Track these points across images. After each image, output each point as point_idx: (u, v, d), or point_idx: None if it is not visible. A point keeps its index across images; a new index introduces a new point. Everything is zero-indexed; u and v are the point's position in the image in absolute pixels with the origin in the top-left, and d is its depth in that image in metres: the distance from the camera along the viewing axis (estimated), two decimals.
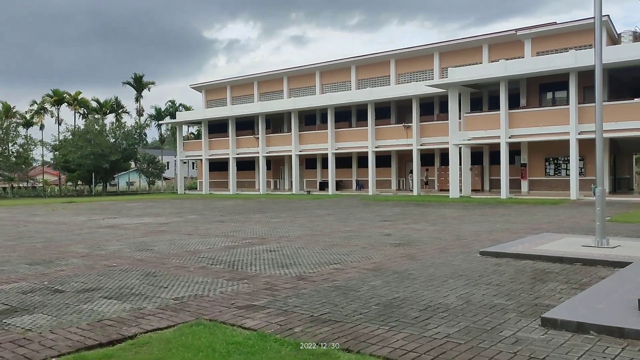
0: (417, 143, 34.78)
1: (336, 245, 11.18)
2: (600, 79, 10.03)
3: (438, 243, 11.20)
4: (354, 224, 15.83)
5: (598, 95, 9.99)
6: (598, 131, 10.02)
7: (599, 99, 10.00)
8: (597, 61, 9.97)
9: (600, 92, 10.00)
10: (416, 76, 38.31)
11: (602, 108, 10.11)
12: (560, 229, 13.61)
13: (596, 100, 10.05)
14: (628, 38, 28.80)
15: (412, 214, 19.29)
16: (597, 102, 10.03)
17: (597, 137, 10.00)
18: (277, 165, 47.51)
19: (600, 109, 10.03)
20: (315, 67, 43.66)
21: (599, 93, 10.00)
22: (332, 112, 38.89)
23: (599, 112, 10.03)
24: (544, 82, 30.61)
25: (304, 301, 6.21)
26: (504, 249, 9.54)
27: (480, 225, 14.81)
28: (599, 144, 9.97)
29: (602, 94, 28.02)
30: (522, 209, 21.40)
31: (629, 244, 9.84)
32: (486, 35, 34.46)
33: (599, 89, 10.02)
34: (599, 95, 9.98)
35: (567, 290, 6.63)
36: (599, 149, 9.93)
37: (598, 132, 10.01)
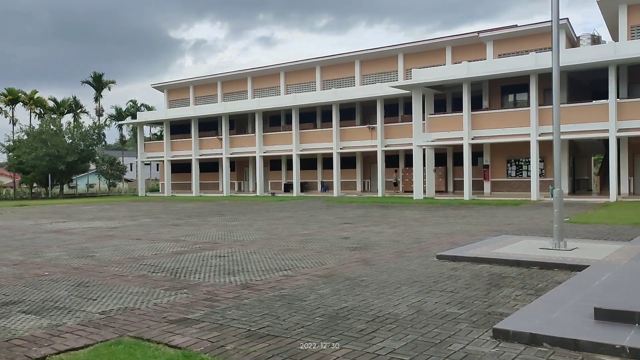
0: (381, 144, 34.63)
1: (291, 249, 10.72)
2: (557, 81, 9.88)
3: (396, 247, 10.86)
4: (313, 227, 15.40)
5: (555, 98, 9.83)
6: (555, 133, 9.85)
7: (556, 102, 9.84)
8: (555, 64, 9.83)
9: (557, 94, 9.84)
10: (381, 77, 38.22)
11: (559, 110, 9.95)
12: (520, 230, 13.47)
13: (553, 103, 9.89)
14: (586, 41, 29.25)
15: (374, 216, 18.98)
16: (555, 104, 9.86)
17: (554, 139, 9.82)
18: (242, 167, 46.79)
19: (557, 111, 9.87)
20: (280, 68, 43.14)
21: (556, 95, 9.84)
22: (297, 113, 38.44)
23: (556, 114, 9.88)
24: (506, 84, 30.84)
25: (244, 313, 5.74)
26: (462, 252, 9.25)
27: (441, 228, 14.57)
28: (557, 146, 9.80)
29: (562, 97, 28.37)
30: (483, 210, 21.36)
31: (587, 245, 9.68)
32: (450, 38, 34.58)
33: (556, 91, 9.87)
34: (556, 98, 9.82)
35: (523, 296, 6.33)
36: (556, 151, 9.76)
37: (555, 133, 9.83)
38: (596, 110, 25.71)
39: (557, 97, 9.86)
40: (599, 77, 29.15)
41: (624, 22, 27.26)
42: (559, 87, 9.90)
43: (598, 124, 25.41)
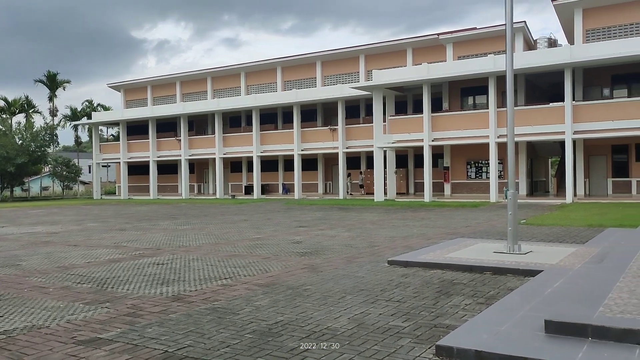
0: (342, 146, 34.29)
1: (237, 255, 10.13)
2: (511, 83, 9.63)
3: (348, 251, 10.40)
4: (266, 231, 14.83)
5: (509, 100, 9.56)
6: (509, 134, 9.57)
7: (510, 104, 9.57)
8: (509, 66, 9.59)
9: (511, 96, 9.58)
10: (342, 78, 37.90)
11: (513, 112, 9.69)
12: (476, 233, 13.22)
13: (507, 105, 9.61)
14: (543, 44, 29.59)
15: (332, 219, 18.54)
16: (509, 106, 9.59)
17: (508, 141, 9.54)
18: (201, 169, 45.76)
19: (511, 113, 9.60)
20: (240, 68, 42.36)
21: (510, 98, 9.58)
22: (257, 114, 37.75)
23: (510, 116, 9.61)
24: (466, 86, 30.92)
25: (166, 330, 5.14)
26: (414, 257, 8.85)
27: (398, 231, 14.21)
28: (511, 147, 9.52)
29: (520, 99, 28.54)
30: (442, 212, 21.19)
31: (541, 249, 9.42)
32: (410, 39, 34.52)
33: (510, 94, 9.61)
34: (510, 100, 9.56)
35: (472, 305, 5.94)
36: (510, 152, 9.48)
37: (509, 135, 9.55)
38: (553, 112, 25.94)
39: (512, 100, 9.60)
40: (556, 79, 29.56)
41: (580, 26, 27.65)
42: (513, 90, 9.64)
43: (555, 126, 25.64)
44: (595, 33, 27.53)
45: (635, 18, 26.53)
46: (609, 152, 27.55)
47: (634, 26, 26.63)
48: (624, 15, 26.75)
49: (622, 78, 27.18)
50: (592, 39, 27.56)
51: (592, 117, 25.01)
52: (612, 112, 24.52)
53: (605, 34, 27.35)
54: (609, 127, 24.52)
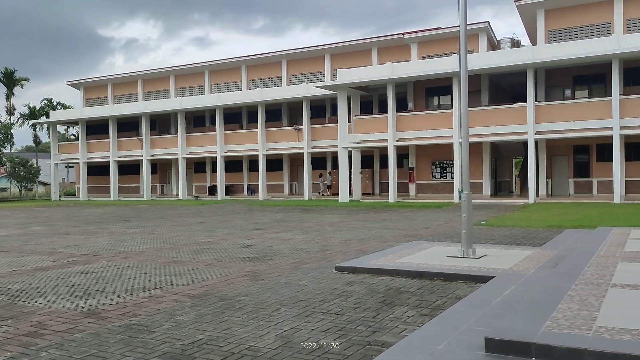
0: (308, 146, 33.77)
1: (178, 262, 9.48)
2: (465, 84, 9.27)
3: (298, 256, 9.85)
4: (219, 234, 14.17)
5: (463, 99, 9.18)
6: (464, 135, 9.18)
7: (464, 105, 9.20)
8: (462, 67, 9.27)
9: (465, 97, 9.22)
10: (308, 77, 37.39)
11: (467, 113, 9.34)
12: (434, 235, 12.84)
13: (462, 106, 9.24)
14: (507, 45, 29.62)
15: (291, 221, 17.98)
16: (463, 107, 9.21)
17: (462, 141, 9.15)
18: (164, 169, 44.63)
19: (465, 115, 9.25)
20: (204, 66, 41.45)
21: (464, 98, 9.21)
22: (221, 113, 36.95)
23: (465, 117, 9.25)
24: (430, 85, 30.75)
25: (62, 355, 4.50)
26: (362, 263, 8.36)
27: (355, 233, 13.74)
28: (465, 148, 9.12)
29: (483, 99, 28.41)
30: (405, 213, 20.85)
31: (496, 252, 9.05)
32: (376, 39, 34.22)
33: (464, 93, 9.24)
34: (464, 101, 9.18)
35: (415, 317, 5.45)
36: (465, 153, 9.07)
37: (464, 136, 9.17)
38: (516, 112, 25.91)
39: (466, 100, 9.22)
40: (519, 80, 29.62)
41: (542, 27, 27.75)
42: (466, 91, 9.28)
43: (517, 127, 25.62)
44: (557, 34, 27.65)
45: (595, 19, 26.73)
46: (570, 152, 27.71)
47: (594, 27, 26.83)
48: (585, 17, 26.93)
49: (583, 79, 27.37)
50: (554, 39, 27.69)
51: (554, 117, 25.07)
52: (574, 112, 24.61)
53: (567, 34, 27.50)
54: (570, 127, 24.60)
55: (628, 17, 25.95)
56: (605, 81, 27.05)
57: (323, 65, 36.72)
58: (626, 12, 25.90)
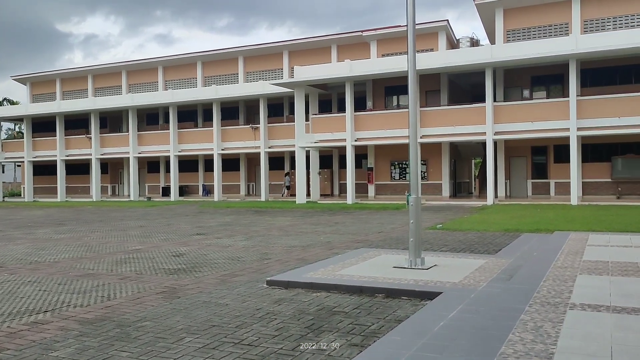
0: (265, 145, 32.70)
1: (91, 275, 8.35)
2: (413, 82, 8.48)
3: (230, 267, 8.85)
4: (154, 240, 13.01)
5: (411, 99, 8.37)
6: (412, 136, 8.34)
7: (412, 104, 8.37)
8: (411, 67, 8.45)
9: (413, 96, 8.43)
10: (266, 75, 36.30)
11: (416, 113, 8.56)
12: (386, 240, 12.02)
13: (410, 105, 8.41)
14: (466, 44, 29.23)
15: (239, 225, 16.92)
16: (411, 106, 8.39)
17: (410, 142, 8.31)
18: (116, 169, 42.78)
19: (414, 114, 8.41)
20: (157, 62, 39.84)
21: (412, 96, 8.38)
22: (175, 111, 35.50)
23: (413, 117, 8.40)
24: (390, 84, 30.13)
25: None
26: (298, 276, 7.42)
27: (302, 238, 12.81)
28: (413, 148, 8.31)
29: (442, 98, 27.95)
30: (361, 215, 20.05)
31: (448, 261, 8.25)
32: (335, 36, 33.41)
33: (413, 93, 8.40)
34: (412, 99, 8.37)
35: (342, 350, 4.54)
36: (412, 154, 8.25)
37: (412, 136, 8.33)
38: (475, 113, 25.48)
39: (415, 101, 8.41)
40: (477, 80, 29.29)
41: (500, 26, 27.44)
42: (417, 91, 8.50)
43: (476, 127, 25.19)
44: (515, 33, 27.39)
45: (554, 19, 26.57)
46: (529, 153, 27.49)
47: (553, 27, 26.67)
48: (543, 17, 26.73)
49: (542, 79, 27.19)
50: (512, 39, 27.41)
51: (513, 118, 24.74)
52: (532, 113, 24.32)
53: (526, 34, 27.27)
54: (528, 128, 24.31)
55: (586, 18, 25.87)
56: (562, 82, 26.94)
57: (281, 62, 35.70)
58: (584, 12, 25.80)
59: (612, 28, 25.34)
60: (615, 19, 25.36)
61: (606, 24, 25.49)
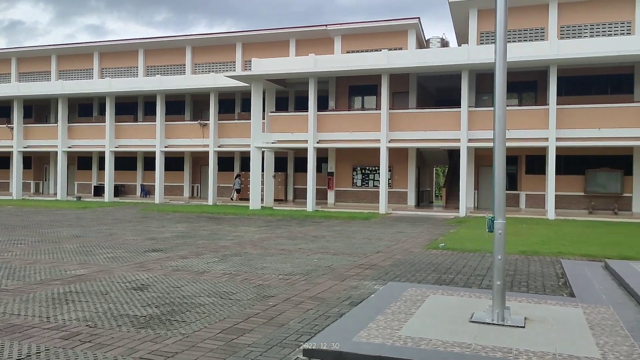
0: (214, 144, 29.76)
1: (15, 329, 5.51)
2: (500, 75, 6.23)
3: (225, 312, 6.25)
4: (99, 259, 10.08)
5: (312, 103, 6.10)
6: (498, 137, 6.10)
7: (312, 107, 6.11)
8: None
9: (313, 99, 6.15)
10: (216, 68, 33.30)
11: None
12: (399, 266, 9.75)
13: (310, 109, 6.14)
14: (436, 44, 27.68)
15: (199, 237, 14.14)
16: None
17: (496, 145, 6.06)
18: (41, 164, 38.22)
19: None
20: (93, 47, 35.84)
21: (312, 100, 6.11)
22: (113, 102, 31.85)
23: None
24: (354, 84, 28.09)
25: None
26: (346, 339, 4.95)
27: (292, 260, 10.31)
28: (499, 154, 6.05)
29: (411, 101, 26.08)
30: (334, 226, 17.73)
31: (534, 312, 6.05)
32: (295, 29, 30.95)
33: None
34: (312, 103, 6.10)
35: None
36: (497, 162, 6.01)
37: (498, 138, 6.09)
38: (447, 117, 23.82)
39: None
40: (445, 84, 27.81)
41: (474, 28, 26.00)
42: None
43: (450, 132, 23.55)
44: (489, 36, 26.03)
45: (529, 24, 25.40)
46: None
47: (527, 32, 25.51)
48: (518, 20, 25.50)
49: (514, 86, 25.96)
50: (485, 41, 26.03)
51: (487, 124, 23.26)
52: (508, 120, 22.89)
53: None
54: None
55: (562, 24, 24.86)
56: (536, 89, 25.89)
57: (234, 54, 32.82)
58: (561, 18, 24.80)
59: (589, 35, 24.48)
60: (592, 26, 24.52)
61: (582, 31, 24.61)
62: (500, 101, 5.84)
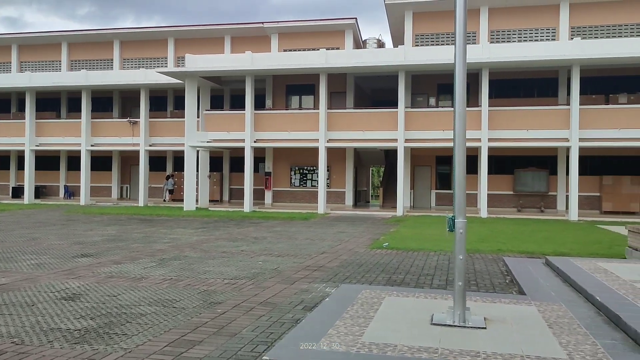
0: (145, 143, 28.53)
1: None
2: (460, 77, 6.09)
3: (170, 322, 5.75)
4: (22, 265, 9.20)
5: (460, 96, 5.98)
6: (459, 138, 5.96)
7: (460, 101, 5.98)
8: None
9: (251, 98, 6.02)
10: (146, 63, 31.98)
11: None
12: (346, 267, 9.54)
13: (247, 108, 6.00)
14: (373, 45, 27.86)
15: (133, 240, 13.34)
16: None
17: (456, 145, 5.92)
18: None
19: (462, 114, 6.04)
20: (11, 39, 33.44)
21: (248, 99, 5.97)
22: (33, 97, 29.89)
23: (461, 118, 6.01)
24: (292, 83, 27.80)
25: None
26: (310, 350, 4.64)
27: (236, 263, 9.86)
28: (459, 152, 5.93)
29: (348, 102, 26.11)
30: (273, 227, 17.35)
31: (492, 312, 5.98)
32: (230, 25, 30.19)
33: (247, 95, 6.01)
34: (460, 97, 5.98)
35: None
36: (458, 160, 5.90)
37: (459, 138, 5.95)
38: (386, 118, 24.01)
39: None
40: (381, 84, 28.08)
41: (410, 29, 26.37)
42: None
43: (388, 133, 23.75)
44: (424, 38, 26.51)
45: None
46: (433, 163, 26.72)
47: None
48: (451, 24, 26.11)
49: (449, 87, 26.59)
50: (421, 43, 26.49)
51: (422, 125, 23.69)
52: (442, 121, 23.42)
53: (434, 40, 26.49)
54: (439, 136, 23.38)
55: (493, 28, 25.69)
56: (468, 92, 26.58)
57: (166, 50, 31.62)
58: (491, 23, 25.61)
59: (517, 40, 25.43)
60: (521, 31, 25.49)
61: (512, 35, 25.54)
62: (460, 99, 5.71)
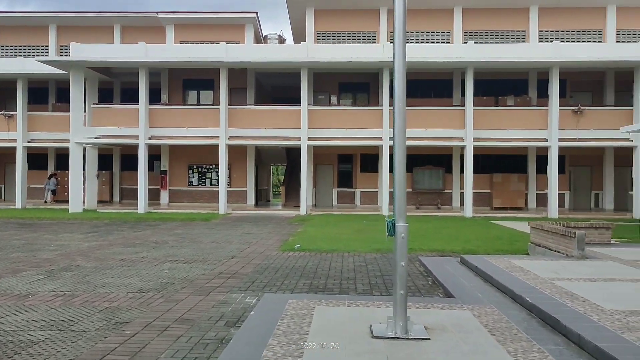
0: (23, 139, 25.81)
1: None
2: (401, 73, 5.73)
3: (71, 351, 4.87)
4: None
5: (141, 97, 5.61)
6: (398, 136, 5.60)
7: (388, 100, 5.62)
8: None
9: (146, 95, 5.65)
10: (24, 51, 28.97)
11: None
12: (263, 273, 8.95)
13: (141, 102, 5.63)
14: (274, 41, 27.35)
15: (11, 248, 11.73)
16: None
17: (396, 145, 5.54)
18: None
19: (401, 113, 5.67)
20: None
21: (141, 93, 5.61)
22: None
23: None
24: (189, 77, 26.51)
25: None
26: None
27: (139, 273, 8.89)
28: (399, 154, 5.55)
29: (249, 98, 25.49)
30: (174, 230, 16.26)
31: (428, 319, 5.72)
32: (121, 14, 28.13)
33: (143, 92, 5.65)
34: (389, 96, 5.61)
35: None
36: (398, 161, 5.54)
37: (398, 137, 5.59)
38: (288, 115, 23.61)
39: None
40: (281, 82, 27.67)
41: (311, 27, 26.19)
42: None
43: (291, 130, 23.40)
44: (325, 36, 26.46)
45: (363, 27, 26.32)
46: (335, 161, 26.78)
47: (361, 35, 26.42)
48: (353, 23, 26.30)
49: (349, 86, 26.76)
50: (322, 41, 26.40)
51: (324, 123, 23.60)
52: (346, 119, 23.48)
53: (335, 38, 26.52)
54: (342, 135, 23.42)
55: (392, 29, 26.19)
56: (369, 91, 26.95)
57: (47, 38, 28.83)
58: (391, 23, 26.14)
59: (415, 42, 26.15)
60: (418, 33, 26.25)
61: (410, 37, 26.21)
62: (399, 96, 5.36)
